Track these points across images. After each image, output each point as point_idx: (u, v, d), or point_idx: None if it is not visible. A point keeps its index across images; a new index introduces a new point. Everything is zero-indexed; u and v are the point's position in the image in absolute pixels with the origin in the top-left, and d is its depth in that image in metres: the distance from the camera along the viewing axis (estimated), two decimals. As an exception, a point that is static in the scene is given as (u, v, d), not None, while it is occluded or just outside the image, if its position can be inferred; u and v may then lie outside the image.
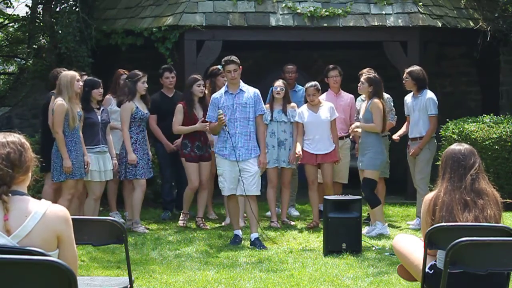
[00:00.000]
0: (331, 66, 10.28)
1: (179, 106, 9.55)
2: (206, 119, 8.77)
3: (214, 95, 8.65)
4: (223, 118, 8.30)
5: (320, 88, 9.61)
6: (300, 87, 10.65)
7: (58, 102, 8.39)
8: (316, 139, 9.47)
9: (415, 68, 9.47)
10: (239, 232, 8.55)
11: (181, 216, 9.75)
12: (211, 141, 9.64)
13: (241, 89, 8.48)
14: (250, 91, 8.49)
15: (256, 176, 8.43)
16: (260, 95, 8.59)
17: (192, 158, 9.53)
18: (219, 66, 10.11)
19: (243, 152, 8.35)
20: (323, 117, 9.48)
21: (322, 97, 9.92)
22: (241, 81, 8.53)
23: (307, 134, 9.53)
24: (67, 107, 8.37)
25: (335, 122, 9.56)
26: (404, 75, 9.45)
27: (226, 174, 8.41)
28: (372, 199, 8.99)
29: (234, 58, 8.42)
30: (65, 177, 8.48)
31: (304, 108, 9.59)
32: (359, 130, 9.16)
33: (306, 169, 9.59)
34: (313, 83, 9.60)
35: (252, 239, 8.33)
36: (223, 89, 8.61)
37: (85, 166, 8.59)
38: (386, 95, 9.76)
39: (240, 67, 8.46)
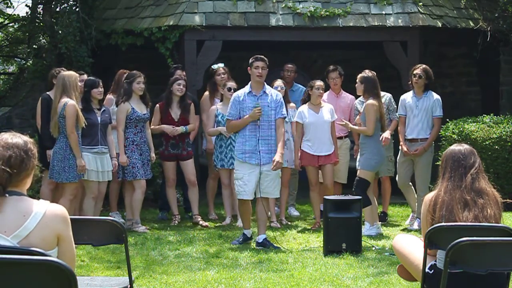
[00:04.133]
0: (331, 67, 10.23)
1: (156, 106, 9.62)
2: (227, 117, 8.34)
3: (235, 94, 8.37)
4: (258, 112, 8.07)
5: (324, 88, 9.60)
6: (298, 86, 10.63)
7: (70, 103, 8.37)
8: (317, 140, 9.39)
9: (427, 67, 9.39)
10: (249, 232, 8.51)
11: (172, 218, 9.83)
12: (209, 142, 9.65)
13: (264, 91, 8.28)
14: (273, 94, 8.30)
15: (277, 179, 8.38)
16: (283, 100, 8.45)
17: (166, 156, 9.60)
18: (213, 66, 10.16)
19: (264, 156, 8.18)
20: (325, 118, 9.42)
21: (324, 97, 9.90)
22: (265, 83, 8.38)
23: (308, 135, 9.44)
24: (77, 108, 8.42)
25: (334, 124, 9.53)
26: (419, 71, 9.28)
27: (246, 178, 8.18)
28: (363, 199, 8.94)
29: (263, 57, 8.29)
30: (65, 178, 8.47)
31: (305, 108, 9.50)
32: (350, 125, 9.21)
33: (307, 171, 9.52)
34: (321, 82, 9.54)
35: (261, 240, 8.27)
36: (245, 89, 8.30)
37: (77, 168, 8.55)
38: (388, 95, 9.73)
39: (267, 69, 8.33)
